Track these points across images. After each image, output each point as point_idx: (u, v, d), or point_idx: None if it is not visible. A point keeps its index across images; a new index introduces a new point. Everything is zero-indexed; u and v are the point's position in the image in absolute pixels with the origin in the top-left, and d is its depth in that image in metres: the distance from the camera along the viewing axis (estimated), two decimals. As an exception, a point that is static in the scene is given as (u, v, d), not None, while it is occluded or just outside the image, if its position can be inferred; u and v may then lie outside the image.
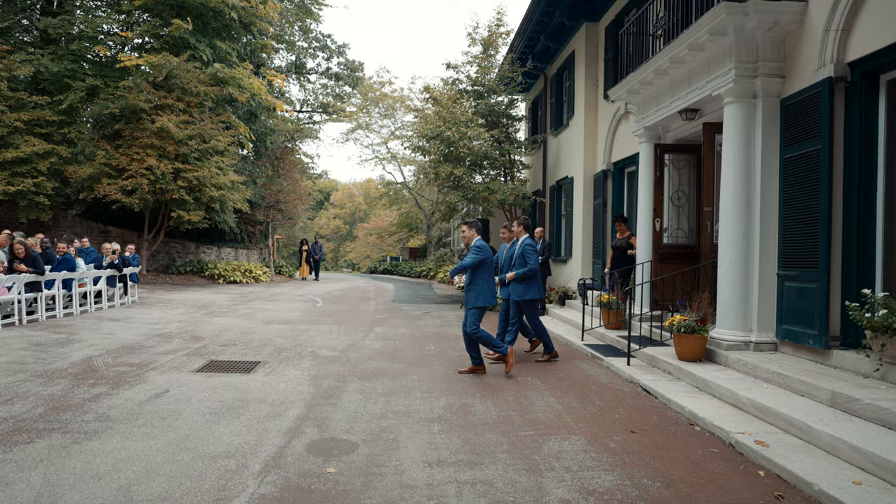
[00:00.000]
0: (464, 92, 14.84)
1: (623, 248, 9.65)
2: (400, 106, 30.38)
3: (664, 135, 8.85)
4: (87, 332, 8.85)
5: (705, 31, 6.25)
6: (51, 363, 6.67)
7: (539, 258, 11.33)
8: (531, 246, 7.09)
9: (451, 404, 5.44)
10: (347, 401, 5.51)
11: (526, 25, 13.93)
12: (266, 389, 5.84)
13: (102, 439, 4.26)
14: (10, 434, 4.30)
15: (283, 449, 4.17)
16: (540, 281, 7.26)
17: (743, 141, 6.30)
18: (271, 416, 4.94)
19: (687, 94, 7.32)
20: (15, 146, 15.17)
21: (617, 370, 6.75)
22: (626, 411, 5.26)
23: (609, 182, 11.76)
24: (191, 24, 16.60)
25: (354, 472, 3.78)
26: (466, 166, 13.84)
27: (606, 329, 8.70)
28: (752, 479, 3.69)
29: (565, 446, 4.32)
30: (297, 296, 16.40)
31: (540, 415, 5.14)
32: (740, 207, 6.29)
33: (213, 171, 16.57)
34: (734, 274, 6.29)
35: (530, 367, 7.19)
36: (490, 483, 3.63)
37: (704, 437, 4.51)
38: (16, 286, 8.74)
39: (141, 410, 5.00)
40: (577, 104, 12.87)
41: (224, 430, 4.56)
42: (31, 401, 5.16)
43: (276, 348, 8.14)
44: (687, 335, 6.22)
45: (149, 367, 6.68)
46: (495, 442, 4.40)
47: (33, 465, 3.76)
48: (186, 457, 3.96)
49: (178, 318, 10.80)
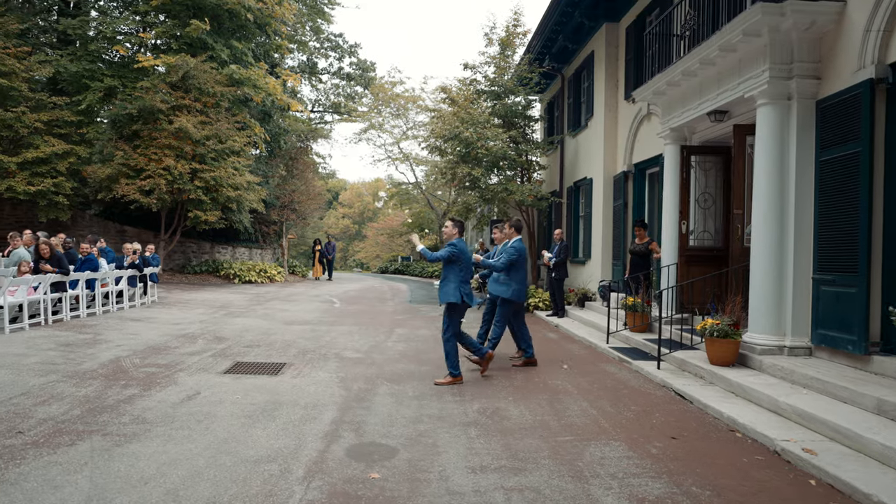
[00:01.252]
0: (481, 92, 14.80)
1: (641, 254, 9.46)
2: (412, 106, 30.34)
3: (690, 136, 8.77)
4: (111, 332, 8.88)
5: (738, 31, 6.18)
6: (80, 364, 6.69)
7: (555, 258, 11.38)
8: (514, 248, 6.97)
9: (485, 408, 5.41)
10: (380, 404, 5.49)
11: (544, 25, 13.87)
12: (296, 392, 5.83)
13: (142, 442, 4.26)
14: (51, 435, 4.31)
15: (324, 453, 4.15)
16: (520, 285, 6.98)
17: (776, 143, 6.23)
18: (306, 420, 4.92)
19: (717, 96, 7.25)
20: (35, 146, 15.29)
21: (647, 374, 6.70)
22: (662, 416, 5.21)
23: (630, 183, 11.68)
24: (208, 24, 16.66)
25: (399, 477, 3.76)
26: (484, 167, 13.80)
27: (631, 332, 8.64)
28: (803, 489, 3.64)
29: (607, 452, 4.28)
30: (313, 296, 16.42)
31: (576, 420, 5.09)
32: (774, 210, 6.22)
33: (230, 171, 16.63)
34: (767, 277, 6.22)
35: (559, 371, 7.14)
36: (537, 490, 3.60)
37: (747, 444, 4.46)
38: (42, 286, 8.78)
39: (175, 413, 5.00)
40: (597, 105, 12.79)
41: (261, 433, 4.54)
42: (66, 402, 5.17)
43: (300, 350, 8.13)
44: (720, 339, 6.15)
45: (177, 369, 6.68)
46: (535, 447, 4.36)
47: (78, 467, 3.76)
48: (228, 461, 3.95)
49: (199, 318, 10.83)
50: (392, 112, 31.83)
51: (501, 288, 6.99)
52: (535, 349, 7.53)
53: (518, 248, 6.98)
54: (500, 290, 7.00)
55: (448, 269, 6.35)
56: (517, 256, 6.89)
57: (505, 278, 6.97)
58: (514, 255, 6.90)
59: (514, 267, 6.93)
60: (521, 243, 7.05)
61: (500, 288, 7.01)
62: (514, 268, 6.94)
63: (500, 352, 8.30)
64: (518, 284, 6.95)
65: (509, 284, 6.93)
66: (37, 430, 4.40)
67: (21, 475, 3.60)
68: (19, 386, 5.61)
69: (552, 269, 11.50)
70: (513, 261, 6.87)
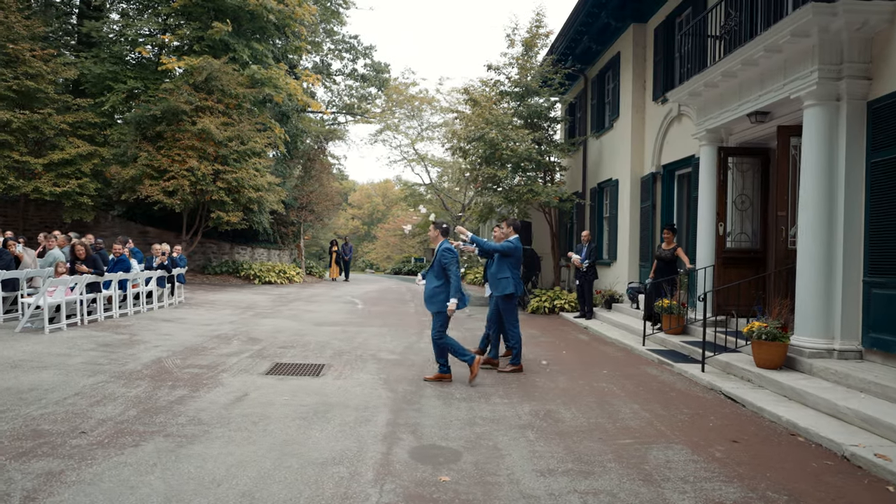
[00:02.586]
0: (504, 93, 14.77)
1: (667, 259, 9.27)
2: (427, 107, 30.35)
3: (727, 137, 8.71)
4: (146, 332, 8.92)
5: (787, 32, 6.13)
6: (124, 364, 6.72)
7: (587, 260, 11.33)
8: (510, 242, 6.99)
9: (536, 410, 5.39)
10: (430, 406, 5.48)
11: (569, 26, 13.83)
12: (343, 394, 5.83)
13: (204, 443, 4.26)
14: (114, 436, 4.32)
15: (388, 456, 4.14)
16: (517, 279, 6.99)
17: (825, 144, 6.17)
18: (361, 422, 4.92)
19: (759, 97, 7.19)
20: (60, 148, 15.40)
21: (692, 377, 6.65)
22: (717, 419, 5.17)
23: (658, 185, 11.63)
24: (230, 26, 16.73)
25: (469, 480, 3.74)
26: (509, 169, 13.78)
27: (666, 334, 8.59)
28: (882, 496, 3.59)
29: (671, 455, 4.25)
30: (334, 297, 16.45)
31: (630, 422, 5.06)
32: (822, 212, 6.16)
33: (251, 172, 16.69)
34: (816, 280, 6.16)
35: (601, 374, 7.11)
36: (612, 494, 3.57)
37: (811, 449, 4.41)
38: (78, 287, 8.84)
39: (229, 414, 5.01)
40: (623, 106, 12.74)
41: (319, 435, 4.54)
42: (120, 402, 5.19)
43: (336, 351, 8.14)
44: (767, 342, 6.10)
45: (219, 370, 6.70)
46: (597, 450, 4.34)
47: (149, 468, 3.77)
48: (295, 463, 3.95)
49: (229, 319, 10.86)
50: (406, 113, 31.85)
51: (502, 284, 6.97)
52: (568, 352, 7.51)
53: (515, 244, 7.01)
54: (502, 286, 6.96)
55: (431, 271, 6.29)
56: (513, 247, 6.94)
57: (502, 275, 6.97)
58: (511, 246, 6.93)
59: (509, 259, 6.96)
60: (518, 241, 7.09)
61: (501, 284, 6.98)
62: (509, 261, 6.97)
63: (536, 357, 8.30)
64: (516, 278, 6.98)
65: (509, 279, 6.93)
66: (99, 431, 4.42)
67: (96, 475, 3.62)
68: (71, 386, 5.64)
69: (581, 271, 11.45)
70: (509, 250, 6.91)
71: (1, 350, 7.04)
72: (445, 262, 6.17)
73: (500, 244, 7.04)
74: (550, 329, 10.85)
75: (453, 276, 6.11)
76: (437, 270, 6.25)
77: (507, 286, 6.94)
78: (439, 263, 6.22)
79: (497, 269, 7.06)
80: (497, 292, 7.07)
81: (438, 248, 6.29)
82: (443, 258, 6.19)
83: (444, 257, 6.19)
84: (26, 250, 10.15)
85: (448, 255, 6.19)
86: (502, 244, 7.02)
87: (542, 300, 13.19)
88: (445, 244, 6.27)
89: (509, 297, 7.02)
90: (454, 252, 6.25)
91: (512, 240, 7.07)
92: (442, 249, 6.24)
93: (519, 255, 7.05)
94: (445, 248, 6.23)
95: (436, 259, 6.29)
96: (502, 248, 6.96)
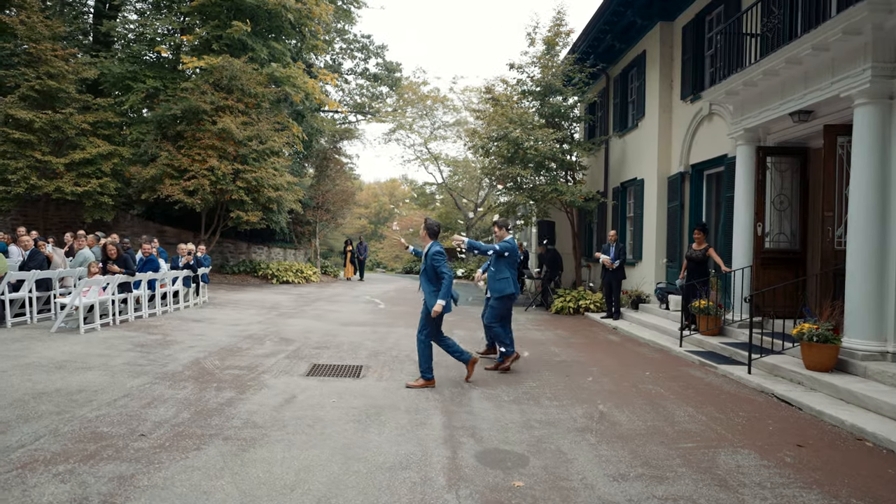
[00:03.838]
0: (526, 92, 14.69)
1: (698, 260, 9.14)
2: (440, 106, 30.28)
3: (764, 137, 8.61)
4: (178, 332, 8.89)
5: (839, 30, 6.04)
6: (165, 365, 6.68)
7: (618, 260, 11.24)
8: (506, 242, 7.02)
9: (589, 413, 5.32)
10: (481, 408, 5.42)
11: (593, 25, 13.73)
12: (389, 396, 5.78)
13: (265, 447, 4.21)
14: (174, 439, 4.28)
15: (454, 460, 4.08)
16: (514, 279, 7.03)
17: (877, 143, 6.07)
18: (416, 425, 4.86)
19: (803, 96, 7.10)
20: (81, 147, 15.40)
21: (738, 378, 6.57)
22: (775, 423, 5.09)
23: (687, 184, 11.53)
24: (249, 25, 16.70)
25: (543, 486, 3.68)
26: (532, 168, 13.70)
27: (703, 335, 8.50)
28: (971, 502, 3.52)
29: (739, 460, 4.17)
30: (354, 297, 16.41)
31: (688, 426, 4.99)
32: (874, 212, 6.07)
33: (270, 171, 16.66)
34: (867, 281, 6.06)
35: (643, 375, 7.03)
36: (692, 500, 3.50)
37: (883, 454, 4.33)
38: (110, 287, 8.81)
39: (282, 417, 4.96)
40: (650, 105, 12.64)
41: (378, 439, 4.49)
42: (170, 404, 5.15)
43: (370, 352, 8.09)
44: (818, 344, 6.01)
45: (259, 371, 6.66)
46: (663, 455, 4.27)
47: (217, 472, 3.72)
48: (362, 468, 3.90)
49: (256, 319, 10.83)
50: (417, 112, 31.77)
51: (500, 285, 6.96)
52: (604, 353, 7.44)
53: (511, 243, 7.02)
54: (500, 287, 6.95)
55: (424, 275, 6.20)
56: (510, 246, 6.96)
57: (501, 275, 6.96)
58: (507, 245, 6.95)
59: (506, 259, 6.97)
60: (513, 241, 7.12)
61: (499, 285, 6.97)
62: (506, 261, 6.97)
63: (573, 359, 8.24)
64: (514, 278, 7.01)
65: (507, 279, 6.94)
66: (158, 434, 4.38)
67: (167, 480, 3.57)
68: (118, 388, 5.60)
69: (609, 271, 11.37)
70: (506, 249, 6.92)
71: (42, 350, 7.03)
72: (437, 264, 6.08)
73: (496, 245, 6.99)
74: (579, 330, 10.78)
75: (446, 277, 5.99)
76: (431, 274, 6.12)
77: (506, 287, 6.94)
78: (431, 267, 6.11)
79: (496, 269, 7.06)
80: (495, 293, 7.04)
81: (429, 251, 6.17)
82: (434, 261, 6.09)
83: (434, 259, 6.09)
84: (55, 250, 10.14)
85: (439, 257, 6.08)
86: (499, 245, 6.98)
87: (566, 300, 13.10)
88: (436, 246, 6.18)
89: (509, 298, 7.01)
90: (444, 253, 6.15)
91: (508, 239, 7.09)
92: (433, 253, 6.13)
93: (516, 254, 7.07)
94: (436, 250, 6.13)
95: (427, 263, 6.17)
96: (499, 248, 6.93)
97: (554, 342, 9.30)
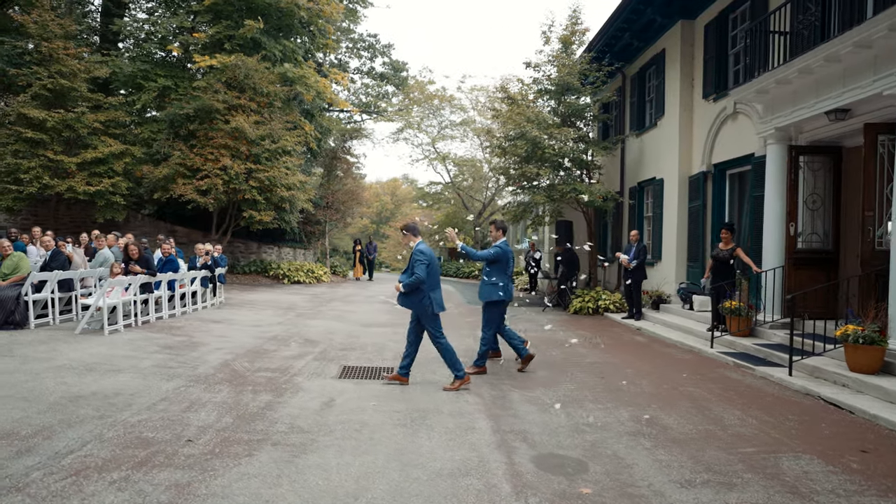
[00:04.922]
0: (543, 91, 14.59)
1: (724, 260, 9.01)
2: (447, 105, 30.17)
3: (796, 136, 8.51)
4: (201, 334, 8.79)
5: (884, 27, 5.94)
6: (195, 367, 6.58)
7: (636, 260, 11.12)
8: (498, 247, 6.90)
9: (637, 416, 5.22)
10: (525, 412, 5.32)
11: (611, 23, 13.63)
12: (430, 399, 5.68)
13: (317, 453, 4.11)
14: (222, 445, 4.18)
15: (512, 466, 3.98)
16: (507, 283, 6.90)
17: (922, 142, 5.98)
18: (464, 429, 4.76)
19: (841, 94, 6.99)
20: (93, 147, 15.28)
21: (779, 381, 6.47)
22: (829, 427, 4.99)
23: (709, 184, 11.43)
24: (262, 23, 16.58)
25: (612, 493, 3.58)
26: (549, 167, 13.60)
27: (734, 336, 8.40)
28: None
29: (804, 466, 4.07)
30: (368, 297, 16.30)
31: (740, 429, 4.89)
32: (919, 212, 5.97)
33: (283, 171, 16.55)
34: (913, 282, 5.97)
35: (679, 377, 6.93)
36: (769, 509, 3.41)
37: (950, 460, 4.24)
38: (132, 287, 8.71)
39: (326, 421, 4.86)
40: (669, 104, 12.54)
41: (429, 444, 4.38)
42: (210, 408, 5.05)
43: (396, 353, 7.96)
44: (864, 346, 5.91)
45: (291, 373, 6.56)
46: (724, 460, 4.16)
47: (275, 480, 3.62)
48: (422, 475, 3.79)
49: (276, 320, 10.72)
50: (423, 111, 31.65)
51: (487, 290, 6.87)
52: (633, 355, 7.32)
53: (503, 248, 6.90)
54: (487, 293, 6.86)
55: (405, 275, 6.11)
56: (501, 252, 6.84)
57: (493, 279, 6.85)
58: (499, 251, 6.83)
59: (498, 264, 6.86)
60: (506, 244, 7.01)
61: (486, 290, 6.88)
62: (498, 265, 6.86)
63: (603, 360, 8.14)
64: (506, 282, 6.89)
65: (496, 285, 6.82)
66: (205, 439, 4.27)
67: (225, 488, 3.47)
68: (154, 391, 5.50)
69: (630, 271, 11.27)
70: (497, 257, 6.81)
71: (69, 353, 6.91)
72: (413, 262, 5.98)
73: (488, 252, 6.87)
74: (601, 331, 10.67)
75: (415, 277, 5.91)
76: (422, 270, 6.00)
77: (493, 293, 6.82)
78: (411, 267, 6.02)
79: (487, 273, 6.95)
80: (482, 298, 6.96)
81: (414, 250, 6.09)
82: (414, 257, 6.01)
83: (414, 256, 6.01)
84: (76, 250, 10.03)
85: (419, 255, 5.98)
86: (490, 252, 6.85)
87: (584, 300, 13.00)
88: (421, 245, 6.10)
89: (495, 304, 6.89)
90: (425, 253, 6.03)
91: (500, 244, 6.95)
92: (415, 251, 6.06)
93: (507, 260, 6.94)
94: (418, 249, 6.05)
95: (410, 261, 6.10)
96: (491, 256, 6.81)
97: (579, 343, 9.20)
